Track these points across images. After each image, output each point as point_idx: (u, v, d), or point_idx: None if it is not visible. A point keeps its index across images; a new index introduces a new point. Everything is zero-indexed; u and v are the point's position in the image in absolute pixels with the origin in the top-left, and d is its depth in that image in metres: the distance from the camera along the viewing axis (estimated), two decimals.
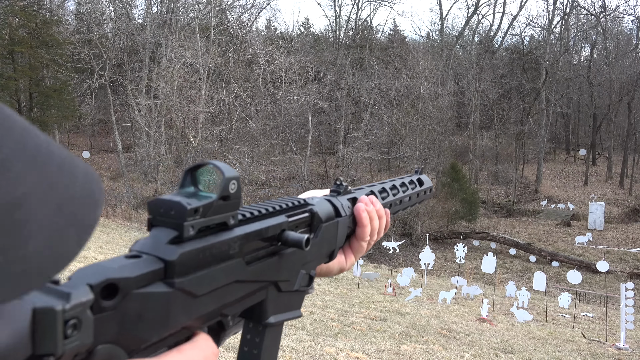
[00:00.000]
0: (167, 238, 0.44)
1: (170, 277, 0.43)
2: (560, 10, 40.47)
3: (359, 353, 5.76)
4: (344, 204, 0.73)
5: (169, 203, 0.45)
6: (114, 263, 0.40)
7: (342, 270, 0.77)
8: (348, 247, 0.77)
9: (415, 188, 0.95)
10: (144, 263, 0.42)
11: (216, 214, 0.47)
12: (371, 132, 31.61)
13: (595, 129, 42.92)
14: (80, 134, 42.53)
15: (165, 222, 0.45)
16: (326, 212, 0.68)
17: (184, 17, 32.32)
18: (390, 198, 0.86)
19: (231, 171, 0.47)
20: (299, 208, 0.63)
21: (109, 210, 23.36)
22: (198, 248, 0.45)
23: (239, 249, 0.50)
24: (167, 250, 0.43)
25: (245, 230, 0.51)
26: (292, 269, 0.60)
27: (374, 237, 0.77)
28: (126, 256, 0.42)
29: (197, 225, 0.45)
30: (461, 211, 26.32)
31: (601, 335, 9.94)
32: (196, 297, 0.45)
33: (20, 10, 29.54)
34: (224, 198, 0.47)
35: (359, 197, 0.77)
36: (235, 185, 0.48)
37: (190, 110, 24.22)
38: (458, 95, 37.55)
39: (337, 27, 43.85)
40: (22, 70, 29.29)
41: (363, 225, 0.74)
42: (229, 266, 0.49)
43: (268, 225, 0.54)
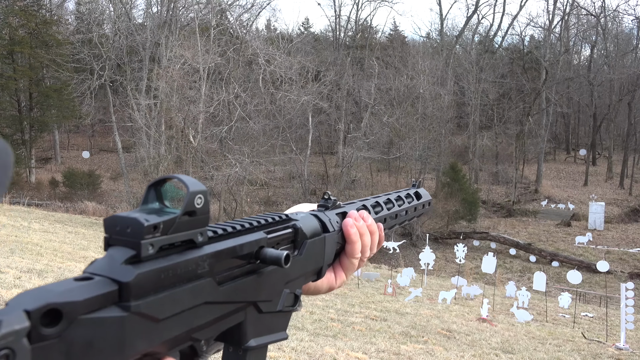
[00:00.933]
0: (123, 258, 0.40)
1: (125, 300, 0.39)
2: (560, 10, 40.49)
3: (359, 353, 5.76)
4: (332, 219, 0.69)
5: (125, 220, 0.41)
6: (60, 286, 0.36)
7: (332, 289, 0.73)
8: (338, 265, 0.73)
9: (413, 202, 0.91)
10: (95, 285, 0.38)
11: (180, 231, 0.43)
12: (371, 132, 31.60)
13: (595, 129, 42.92)
14: (80, 134, 42.54)
15: (121, 240, 0.41)
16: (311, 228, 0.64)
17: (184, 17, 32.32)
18: (384, 212, 0.82)
19: (197, 185, 0.44)
20: (280, 223, 0.59)
21: (109, 210, 23.38)
22: (159, 268, 0.41)
23: (208, 267, 0.46)
24: (122, 270, 0.40)
25: (215, 248, 0.47)
26: (273, 288, 0.57)
27: (365, 253, 0.73)
28: (76, 278, 0.39)
29: (157, 243, 0.41)
30: (461, 211, 26.32)
31: (601, 335, 9.94)
32: (158, 320, 0.41)
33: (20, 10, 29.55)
34: (189, 213, 0.43)
35: (349, 211, 0.73)
36: (202, 199, 0.44)
37: (190, 110, 24.22)
38: (458, 95, 37.55)
39: (337, 27, 43.89)
40: (22, 70, 29.31)
41: (352, 241, 0.70)
42: (197, 287, 0.45)
43: (243, 242, 0.51)
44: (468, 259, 19.75)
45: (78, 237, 14.67)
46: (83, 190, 27.17)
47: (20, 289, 6.03)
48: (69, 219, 19.39)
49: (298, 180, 30.95)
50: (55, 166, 34.16)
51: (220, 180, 24.16)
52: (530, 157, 40.32)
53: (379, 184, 31.92)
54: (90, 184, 28.15)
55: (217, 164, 24.97)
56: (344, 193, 30.27)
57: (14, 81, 29.21)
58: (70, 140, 41.15)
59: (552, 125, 43.94)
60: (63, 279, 0.35)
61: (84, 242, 13.48)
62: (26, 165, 29.34)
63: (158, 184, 0.45)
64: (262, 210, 28.75)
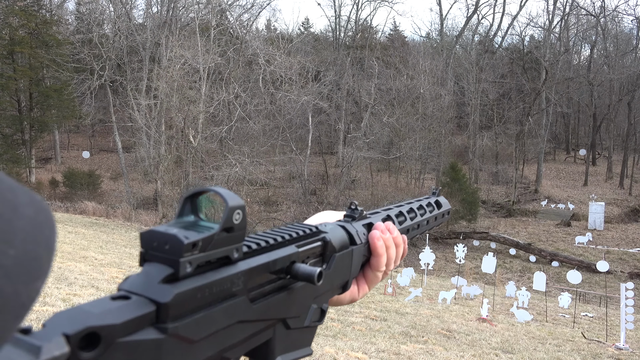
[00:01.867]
0: (161, 276, 0.38)
1: (162, 321, 0.37)
2: (560, 10, 40.48)
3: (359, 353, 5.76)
4: (359, 230, 0.67)
5: (164, 236, 0.39)
6: (97, 307, 0.35)
7: (354, 301, 0.71)
8: (362, 277, 0.71)
9: (434, 211, 0.89)
10: (132, 306, 0.37)
11: (218, 248, 0.41)
12: (371, 132, 31.61)
13: (595, 129, 42.92)
14: (80, 134, 42.54)
15: (159, 257, 0.39)
16: (340, 241, 0.62)
17: (184, 17, 32.33)
18: (407, 223, 0.80)
19: (235, 199, 0.42)
20: (310, 237, 0.57)
21: (109, 210, 23.38)
22: (196, 287, 0.40)
23: (243, 285, 0.45)
24: (160, 290, 0.38)
25: (250, 264, 0.46)
26: (302, 304, 0.55)
27: (390, 266, 0.71)
28: (112, 297, 0.37)
29: (195, 261, 0.40)
30: (461, 211, 26.31)
31: (601, 335, 9.94)
32: (193, 342, 0.40)
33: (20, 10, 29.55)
34: (227, 230, 0.42)
35: (375, 223, 0.71)
36: (240, 215, 0.42)
37: (190, 110, 24.22)
38: (458, 95, 37.55)
39: (337, 27, 43.89)
40: (22, 70, 29.30)
41: (378, 254, 0.68)
42: (232, 305, 0.44)
43: (276, 258, 0.49)
44: (468, 259, 19.75)
45: (78, 237, 14.67)
46: (83, 190, 27.18)
47: None
48: (69, 219, 19.39)
49: (298, 180, 30.95)
50: (55, 166, 34.16)
51: (220, 180, 24.16)
52: (530, 157, 40.32)
53: (379, 184, 31.92)
54: (90, 184, 28.15)
55: (217, 164, 24.98)
56: (344, 193, 30.28)
57: (14, 81, 29.20)
58: (70, 140, 41.15)
59: (552, 125, 43.95)
60: (63, 277, 0.35)
61: (84, 242, 13.48)
62: (26, 165, 29.34)
63: (194, 196, 0.43)
64: (262, 210, 28.75)
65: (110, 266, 9.95)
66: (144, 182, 29.82)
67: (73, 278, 7.46)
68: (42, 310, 5.20)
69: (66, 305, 5.65)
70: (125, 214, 23.15)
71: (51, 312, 5.14)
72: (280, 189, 32.29)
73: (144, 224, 22.20)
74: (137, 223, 22.06)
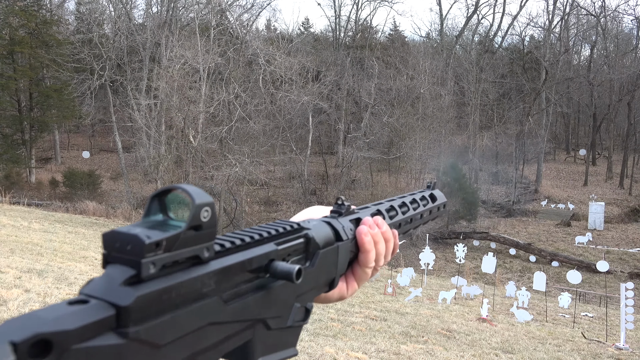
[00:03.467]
0: (122, 278, 0.36)
1: (123, 325, 0.35)
2: (560, 10, 40.48)
3: (359, 353, 5.76)
4: (345, 226, 0.65)
5: (125, 236, 0.37)
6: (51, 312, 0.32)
7: (342, 299, 0.69)
8: (350, 274, 0.69)
9: (428, 204, 0.87)
10: (90, 310, 0.34)
11: (185, 247, 0.39)
12: (371, 132, 31.61)
13: (595, 129, 42.93)
14: (80, 134, 42.54)
15: (121, 258, 0.37)
16: (324, 237, 0.60)
17: (184, 17, 32.34)
18: (399, 217, 0.78)
19: (203, 196, 0.40)
20: (291, 233, 0.55)
21: (109, 210, 23.38)
22: (161, 289, 0.37)
23: (215, 285, 0.42)
24: (120, 293, 0.36)
25: (223, 264, 0.43)
26: (284, 303, 0.53)
27: (379, 262, 0.69)
28: (69, 302, 0.34)
29: (159, 261, 0.37)
30: (461, 211, 26.32)
31: (601, 335, 9.94)
32: (159, 347, 0.38)
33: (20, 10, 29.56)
34: (195, 228, 0.40)
35: (363, 218, 0.69)
36: (209, 212, 0.40)
37: (190, 110, 24.22)
38: (458, 95, 37.55)
39: (337, 27, 43.89)
40: (22, 70, 29.32)
41: (366, 250, 0.66)
42: (203, 307, 0.41)
43: (252, 256, 0.47)
44: (468, 259, 19.75)
45: (78, 237, 14.67)
46: (83, 190, 27.17)
47: (20, 289, 6.04)
48: (69, 219, 19.39)
49: (298, 180, 30.95)
50: (56, 166, 34.16)
51: (220, 180, 24.16)
52: (530, 157, 40.31)
53: (379, 184, 31.91)
54: (90, 184, 28.15)
55: (217, 164, 24.97)
56: (344, 193, 30.28)
57: (14, 81, 29.21)
58: (70, 140, 41.14)
59: (552, 125, 43.95)
60: (63, 277, 0.34)
61: (84, 242, 13.48)
62: (26, 165, 29.35)
63: (162, 195, 0.41)
64: (262, 210, 28.76)
65: None
66: (144, 182, 29.82)
67: (73, 278, 7.46)
68: None
69: None
70: (125, 214, 23.15)
71: None
72: (280, 189, 32.29)
73: None
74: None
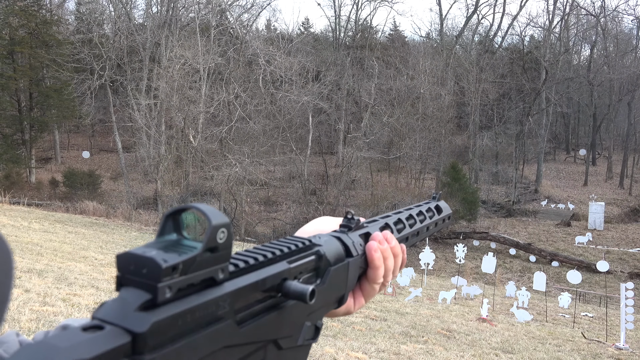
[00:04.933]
0: (137, 303, 0.35)
1: (139, 352, 0.34)
2: (560, 10, 40.49)
3: (359, 353, 5.76)
4: (355, 241, 0.63)
5: (141, 259, 0.36)
6: (65, 340, 0.31)
7: (349, 314, 0.68)
8: (358, 289, 0.67)
9: (434, 217, 0.86)
10: (105, 337, 0.33)
11: (201, 269, 0.38)
12: (371, 132, 31.61)
13: (595, 129, 42.93)
14: (80, 134, 42.54)
15: (136, 281, 0.36)
16: (335, 253, 0.59)
17: (184, 17, 32.34)
18: (407, 230, 0.77)
19: (219, 217, 0.39)
20: (303, 251, 0.54)
21: (109, 210, 23.38)
22: (177, 313, 0.36)
23: (229, 307, 0.41)
24: (136, 319, 0.34)
25: (237, 285, 0.42)
26: (295, 323, 0.51)
27: (388, 278, 0.68)
28: (84, 327, 0.33)
29: (175, 285, 0.36)
30: (461, 211, 26.32)
31: (601, 335, 9.94)
32: None
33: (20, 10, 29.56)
34: (211, 250, 0.38)
35: (373, 233, 0.67)
36: (225, 233, 0.39)
37: (190, 110, 24.23)
38: (458, 95, 37.55)
39: (337, 27, 43.89)
40: (22, 70, 29.32)
41: (376, 267, 0.65)
42: (217, 330, 0.39)
43: (266, 276, 0.45)
44: (468, 259, 19.76)
45: (78, 237, 14.67)
46: (83, 190, 27.17)
47: (20, 289, 6.04)
48: (69, 218, 19.39)
49: (298, 180, 30.95)
50: (56, 166, 34.16)
51: (220, 180, 24.17)
52: (530, 157, 40.33)
53: (379, 184, 31.92)
54: (90, 184, 28.15)
55: (217, 164, 24.98)
56: (344, 193, 30.29)
57: (14, 81, 29.22)
58: (70, 140, 41.15)
59: (552, 125, 43.97)
60: (63, 277, 0.33)
61: (84, 242, 13.48)
62: (26, 165, 29.35)
63: (175, 214, 0.40)
64: (262, 210, 28.76)
65: (110, 266, 9.95)
66: (144, 182, 29.83)
67: (73, 278, 7.46)
68: (43, 310, 5.20)
69: (66, 305, 5.65)
70: (125, 214, 23.15)
71: (51, 313, 5.14)
72: (280, 189, 32.29)
73: (144, 223, 22.19)
74: (137, 223, 22.06)
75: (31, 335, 0.70)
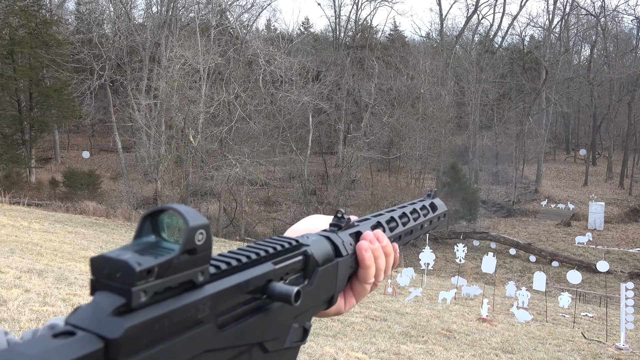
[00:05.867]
0: (111, 308, 0.33)
1: (112, 359, 0.32)
2: (560, 10, 40.51)
3: (359, 353, 5.76)
4: (345, 240, 0.62)
5: (115, 262, 0.34)
6: (34, 347, 0.30)
7: (339, 314, 0.67)
8: (349, 289, 0.66)
9: (428, 214, 0.84)
10: (76, 344, 0.31)
11: (178, 272, 0.36)
12: (371, 132, 31.61)
13: (595, 129, 42.94)
14: (80, 134, 42.54)
15: (110, 286, 0.34)
16: (323, 253, 0.58)
17: (184, 17, 32.34)
18: (400, 229, 0.76)
19: (197, 218, 0.37)
20: (289, 251, 0.52)
21: (109, 210, 23.38)
22: (152, 318, 0.34)
23: (209, 311, 0.39)
24: (109, 324, 0.33)
25: (218, 288, 0.40)
26: (281, 325, 0.50)
27: (379, 277, 0.67)
28: (55, 334, 0.32)
29: (151, 289, 0.35)
30: (461, 211, 26.32)
31: (601, 335, 9.94)
32: None
33: (20, 10, 29.56)
34: (188, 252, 0.37)
35: (364, 231, 0.66)
36: (204, 235, 0.38)
37: (190, 110, 24.22)
38: (458, 95, 37.56)
39: (337, 27, 43.89)
40: (22, 70, 29.31)
41: (366, 266, 0.64)
42: (197, 334, 0.38)
43: (249, 278, 0.44)
44: (468, 259, 19.76)
45: (78, 237, 14.67)
46: (83, 190, 27.17)
47: (20, 289, 6.04)
48: (69, 219, 19.39)
49: (298, 180, 30.95)
50: (55, 166, 34.16)
51: (220, 180, 24.16)
52: (530, 157, 40.32)
53: (379, 184, 31.92)
54: (90, 184, 28.14)
55: (217, 164, 24.97)
56: (344, 193, 30.28)
57: (14, 81, 29.21)
58: (70, 140, 41.14)
59: (552, 125, 43.96)
60: (63, 277, 0.32)
61: (84, 242, 13.48)
62: (26, 165, 29.34)
63: (153, 215, 0.39)
64: (262, 210, 28.76)
65: None
66: (144, 182, 29.84)
67: (73, 278, 7.46)
68: (43, 310, 5.20)
69: (66, 305, 5.65)
70: (125, 214, 23.15)
71: (51, 313, 5.14)
72: (280, 189, 32.29)
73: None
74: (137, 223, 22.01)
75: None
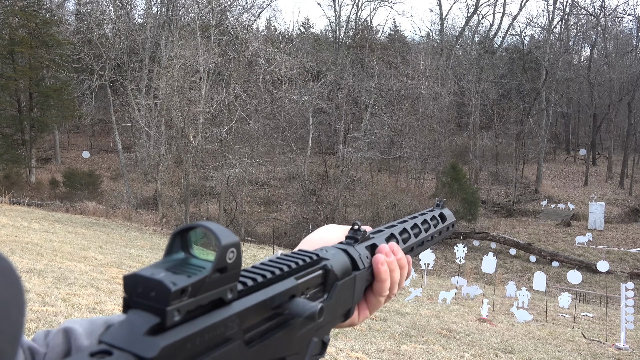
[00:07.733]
0: (146, 327, 0.34)
1: None
2: (560, 10, 40.49)
3: (359, 353, 5.76)
4: (362, 254, 0.63)
5: (149, 282, 0.35)
6: None
7: (352, 325, 0.67)
8: (363, 302, 0.67)
9: (438, 225, 0.85)
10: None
11: (210, 290, 0.37)
12: (371, 132, 31.60)
13: (595, 129, 42.92)
14: (80, 134, 42.55)
15: (144, 304, 0.35)
16: (342, 267, 0.58)
17: (184, 17, 32.34)
18: (412, 240, 0.77)
19: (229, 236, 0.38)
20: (310, 266, 0.53)
21: (109, 210, 23.38)
22: (186, 337, 0.35)
23: (237, 327, 0.40)
24: (145, 343, 0.33)
25: (245, 304, 0.41)
26: (302, 339, 0.51)
27: (394, 290, 0.67)
28: (92, 353, 0.32)
29: (184, 308, 0.35)
30: (461, 211, 26.31)
31: (601, 335, 9.94)
32: None
33: (20, 10, 29.56)
34: (220, 270, 0.37)
35: (379, 244, 0.67)
36: (235, 253, 0.38)
37: (190, 110, 24.21)
38: (458, 95, 37.56)
39: (337, 27, 43.89)
40: (22, 70, 29.31)
41: (382, 280, 0.64)
42: (226, 352, 0.39)
43: (274, 294, 0.45)
44: (468, 259, 19.75)
45: (78, 237, 14.67)
46: (83, 190, 27.18)
47: None
48: (69, 219, 19.39)
49: (298, 180, 30.94)
50: (55, 166, 34.16)
51: (220, 181, 24.16)
52: (530, 157, 40.31)
53: (379, 184, 31.91)
54: (90, 184, 28.16)
55: (217, 164, 24.97)
56: (344, 193, 30.27)
57: (14, 81, 29.20)
58: (70, 140, 41.15)
59: (552, 125, 43.96)
60: (63, 277, 0.32)
61: (84, 242, 13.48)
62: (26, 165, 29.34)
63: (184, 232, 0.39)
64: (262, 210, 28.75)
65: (110, 266, 9.95)
66: (144, 182, 29.84)
67: (73, 278, 7.46)
68: (42, 310, 5.19)
69: (66, 305, 5.64)
70: (125, 214, 23.15)
71: (51, 313, 5.14)
72: (281, 189, 32.29)
73: (144, 224, 22.20)
74: (137, 223, 22.07)
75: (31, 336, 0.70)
